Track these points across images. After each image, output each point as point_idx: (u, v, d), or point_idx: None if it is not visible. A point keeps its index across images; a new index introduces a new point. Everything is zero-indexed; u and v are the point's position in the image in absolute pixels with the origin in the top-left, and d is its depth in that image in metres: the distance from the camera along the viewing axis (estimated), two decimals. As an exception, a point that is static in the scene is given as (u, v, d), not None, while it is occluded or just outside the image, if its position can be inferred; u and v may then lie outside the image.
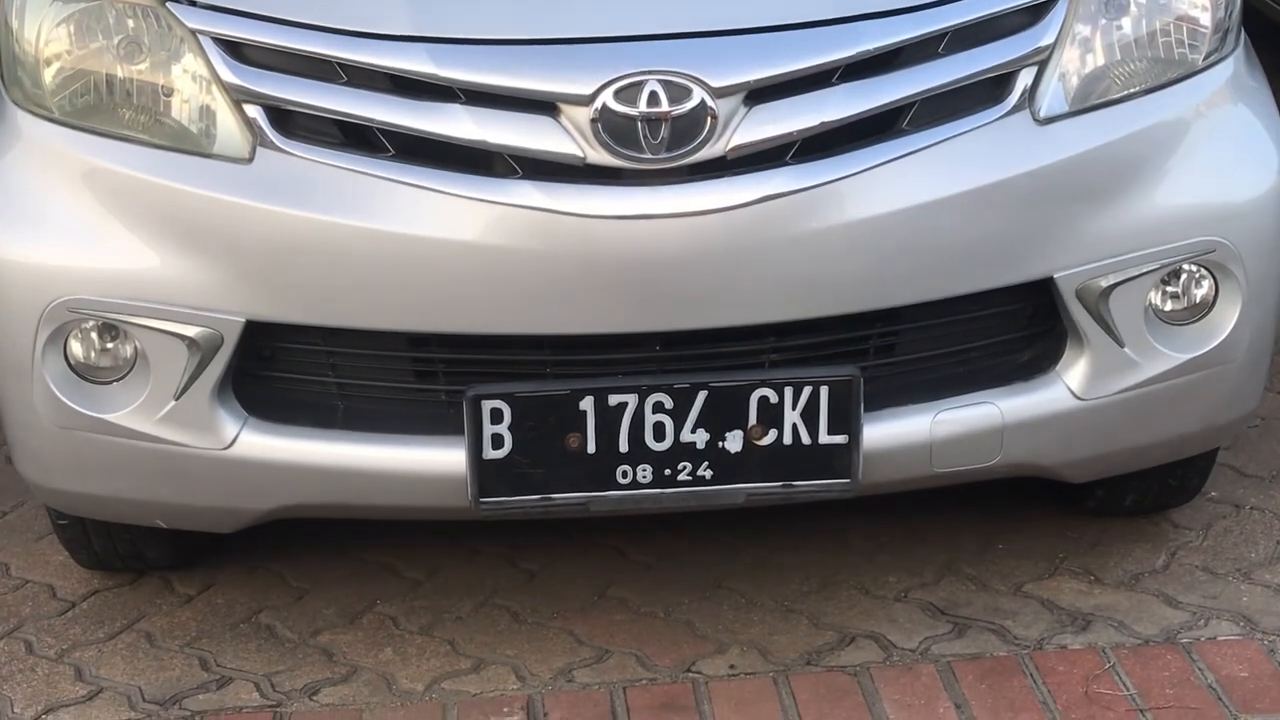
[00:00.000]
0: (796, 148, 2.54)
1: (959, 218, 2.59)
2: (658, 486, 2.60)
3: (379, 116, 2.52)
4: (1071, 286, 2.66)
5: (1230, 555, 3.16)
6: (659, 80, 2.48)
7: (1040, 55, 2.63)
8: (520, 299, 2.53)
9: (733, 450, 2.60)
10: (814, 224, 2.54)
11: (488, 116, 2.50)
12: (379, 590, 3.12)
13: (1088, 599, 3.04)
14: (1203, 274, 2.75)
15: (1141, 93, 2.70)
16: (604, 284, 2.52)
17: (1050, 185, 2.62)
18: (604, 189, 2.50)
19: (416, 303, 2.55)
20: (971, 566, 3.15)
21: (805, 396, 2.58)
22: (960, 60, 2.59)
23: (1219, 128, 2.76)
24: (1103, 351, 2.70)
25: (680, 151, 2.50)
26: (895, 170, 2.56)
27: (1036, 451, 2.75)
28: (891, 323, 2.67)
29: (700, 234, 2.51)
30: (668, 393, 2.57)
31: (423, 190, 2.51)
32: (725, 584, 3.12)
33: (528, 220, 2.50)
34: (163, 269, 2.58)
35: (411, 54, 2.50)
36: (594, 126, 2.48)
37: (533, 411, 2.56)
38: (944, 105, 2.60)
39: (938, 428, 2.68)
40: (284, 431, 2.64)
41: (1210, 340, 2.76)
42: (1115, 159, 2.66)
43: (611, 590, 3.11)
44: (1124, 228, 2.66)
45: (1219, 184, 2.74)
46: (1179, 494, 3.18)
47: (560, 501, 2.60)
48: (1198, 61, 2.74)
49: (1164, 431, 2.82)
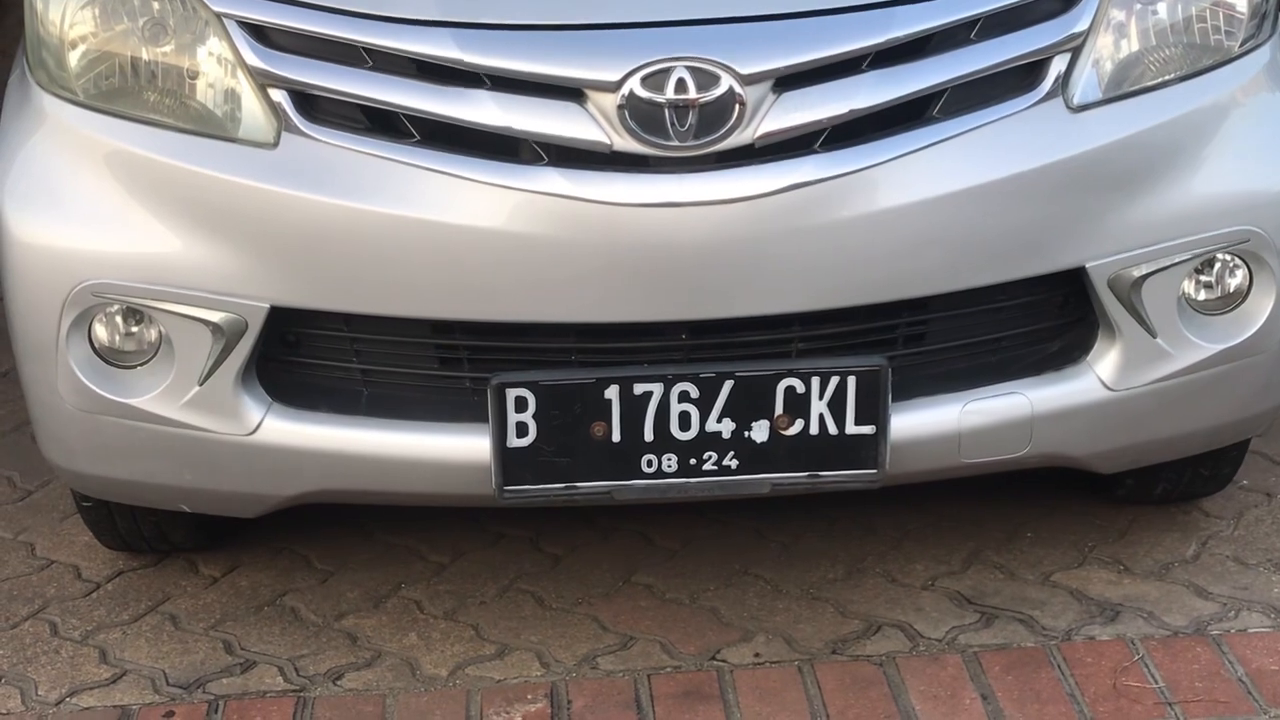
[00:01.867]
0: (825, 135, 2.51)
1: (989, 207, 2.55)
2: (683, 476, 2.59)
3: (404, 102, 2.50)
4: (1104, 276, 2.62)
5: (1262, 545, 3.13)
6: (687, 67, 2.46)
7: (1074, 42, 2.59)
8: (545, 286, 2.51)
9: (758, 440, 2.58)
10: (842, 213, 2.51)
11: (514, 103, 2.48)
12: (403, 574, 3.12)
13: (1117, 589, 3.02)
14: (1237, 263, 2.71)
15: (1176, 80, 2.66)
16: (629, 272, 2.50)
17: (1083, 174, 2.58)
18: (630, 176, 2.48)
19: (441, 289, 2.53)
20: (999, 555, 3.13)
21: (832, 387, 2.56)
22: (992, 47, 2.55)
23: (1255, 115, 2.72)
24: (1135, 342, 2.67)
25: (708, 139, 2.47)
26: (925, 158, 2.53)
27: (1066, 442, 2.72)
28: (920, 312, 2.64)
29: (727, 222, 2.48)
30: (693, 382, 2.55)
31: (448, 176, 2.49)
32: (751, 570, 3.11)
33: (553, 207, 2.48)
34: (187, 254, 2.57)
35: (437, 39, 2.48)
36: (621, 113, 2.46)
37: (557, 400, 2.54)
38: (976, 92, 2.56)
39: (966, 418, 2.65)
40: (308, 417, 2.63)
41: (1244, 331, 2.72)
42: (1149, 147, 2.62)
43: (636, 576, 3.10)
44: (1157, 217, 2.63)
45: (1253, 173, 2.69)
46: (1211, 483, 3.14)
47: (585, 490, 2.58)
48: (1234, 48, 2.70)
49: (1195, 423, 2.79)
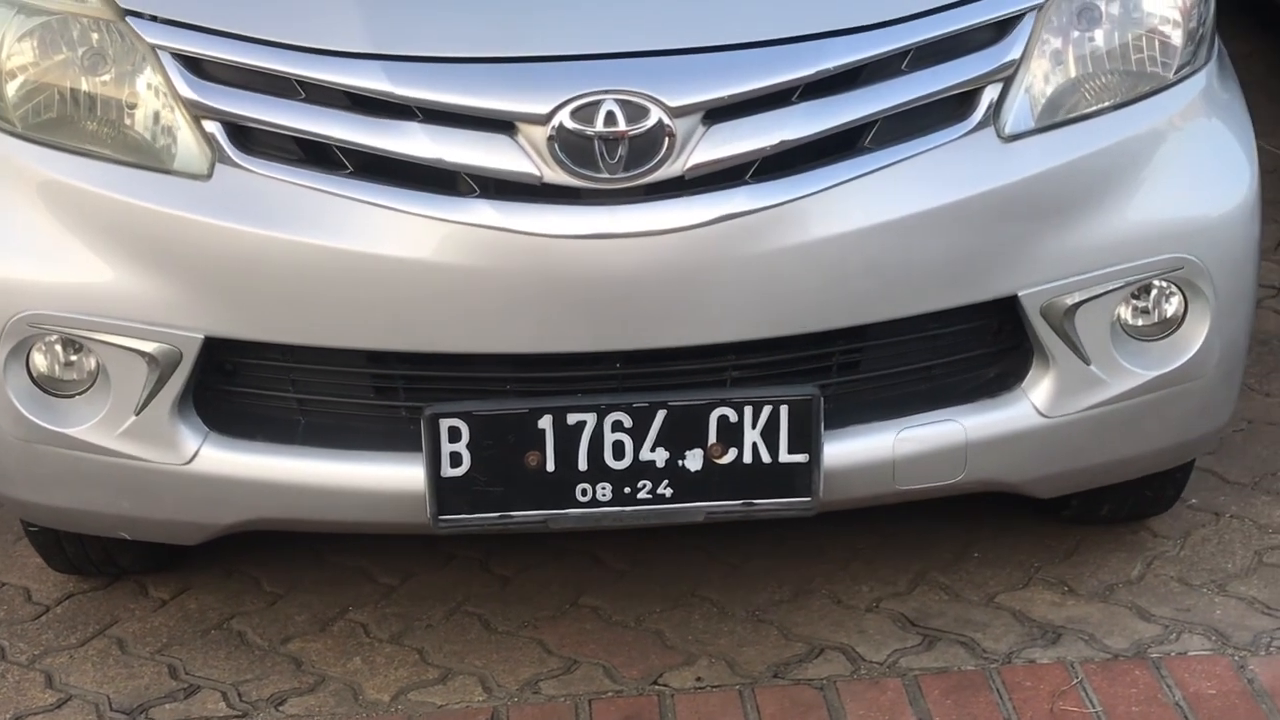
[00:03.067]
0: (756, 166, 2.52)
1: (921, 236, 2.57)
2: (617, 505, 2.60)
3: (336, 134, 2.51)
4: (1036, 304, 2.63)
5: (1206, 566, 3.14)
6: (616, 100, 2.47)
7: (1005, 72, 2.60)
8: (478, 318, 2.53)
9: (693, 469, 2.59)
10: (774, 243, 2.52)
11: (445, 135, 2.49)
12: (352, 596, 3.13)
13: (1060, 611, 3.03)
14: (1172, 290, 2.72)
15: (1110, 108, 2.67)
16: (562, 303, 2.51)
17: (1013, 203, 2.60)
18: (561, 208, 2.49)
19: (374, 321, 2.54)
20: (945, 575, 3.14)
21: (765, 416, 2.57)
22: (923, 78, 2.57)
23: (1189, 143, 2.73)
24: (1068, 369, 2.68)
25: (638, 171, 2.49)
26: (856, 189, 2.54)
27: (1001, 469, 2.73)
28: (855, 340, 2.65)
29: (658, 253, 2.50)
30: (627, 411, 2.56)
31: (380, 208, 2.51)
32: (698, 592, 3.12)
33: (485, 239, 2.49)
34: (122, 285, 2.58)
35: (369, 72, 2.50)
36: (551, 146, 2.47)
37: (491, 430, 2.55)
38: (907, 123, 2.57)
39: (901, 445, 2.66)
40: (244, 447, 2.64)
41: (1179, 357, 2.73)
42: (1080, 176, 2.63)
43: (584, 598, 3.11)
44: (1089, 245, 2.64)
45: (1187, 200, 2.70)
46: (1155, 504, 3.15)
47: (519, 519, 2.60)
48: (1168, 75, 2.71)
49: (1132, 448, 2.80)
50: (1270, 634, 2.94)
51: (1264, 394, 3.65)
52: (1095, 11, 2.69)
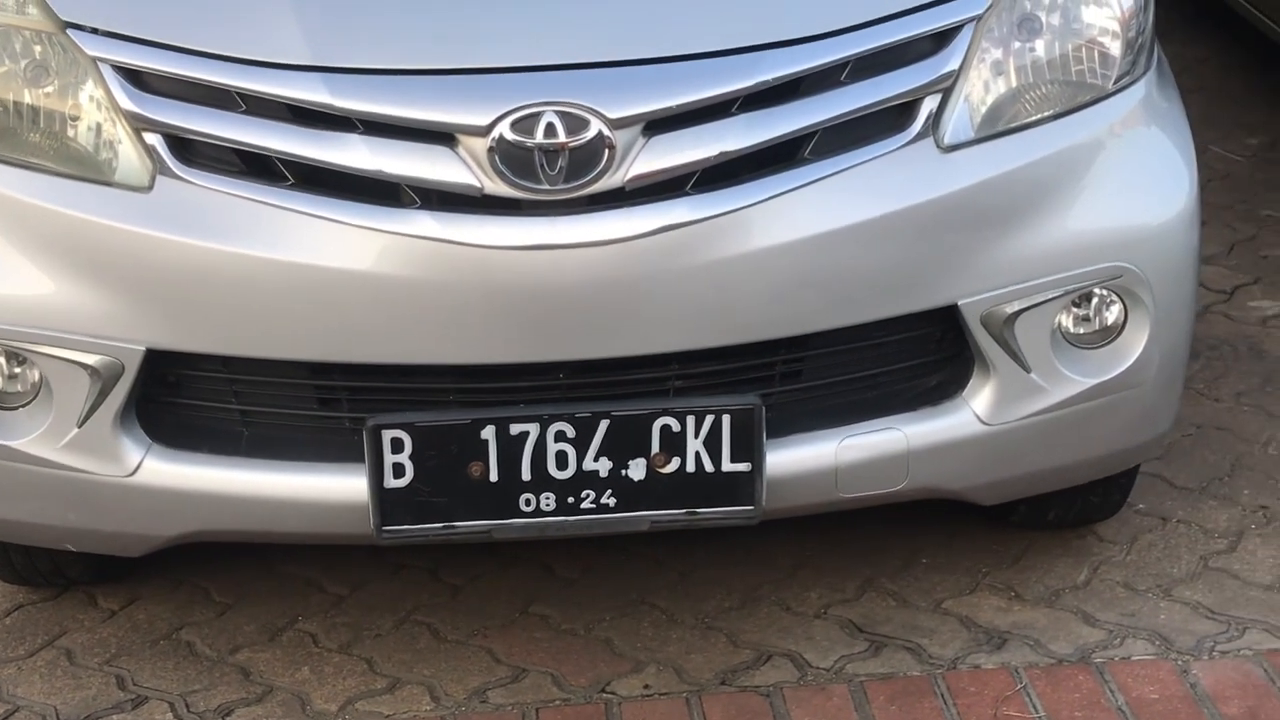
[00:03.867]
0: (697, 178, 2.53)
1: (860, 246, 2.58)
2: (561, 514, 2.61)
3: (277, 146, 2.52)
4: (976, 313, 2.65)
5: (1152, 571, 3.16)
6: (556, 111, 2.48)
7: (944, 83, 2.62)
8: (420, 329, 2.53)
9: (636, 478, 2.60)
10: (715, 254, 2.53)
11: (385, 146, 2.49)
12: (301, 606, 3.13)
13: (1006, 616, 3.05)
14: (1112, 298, 2.74)
15: (1049, 118, 2.68)
16: (504, 314, 2.52)
17: (952, 213, 2.61)
18: (502, 219, 2.50)
19: (317, 332, 2.55)
20: (893, 582, 3.16)
21: (707, 425, 2.58)
22: (862, 89, 2.58)
23: (1129, 152, 2.75)
24: (1008, 377, 2.70)
25: (578, 182, 2.49)
26: (797, 200, 2.55)
27: (943, 476, 2.75)
28: (797, 349, 2.66)
29: (599, 264, 2.51)
30: (569, 422, 2.57)
31: (322, 220, 2.51)
32: (647, 600, 3.13)
33: (426, 251, 2.50)
34: (64, 297, 2.58)
35: (308, 84, 2.50)
36: (491, 157, 2.48)
37: (434, 441, 2.56)
38: (847, 134, 2.59)
39: (843, 453, 2.68)
40: (187, 458, 2.64)
41: (1119, 365, 2.75)
42: (1019, 186, 2.65)
43: (534, 606, 3.12)
44: (1029, 254, 2.65)
45: (1127, 209, 2.72)
46: (1101, 509, 3.17)
47: (463, 529, 2.60)
48: (1108, 85, 2.73)
49: (1073, 455, 2.82)
50: (1213, 638, 2.96)
51: (1213, 399, 3.68)
52: (1035, 22, 2.71)
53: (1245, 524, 3.28)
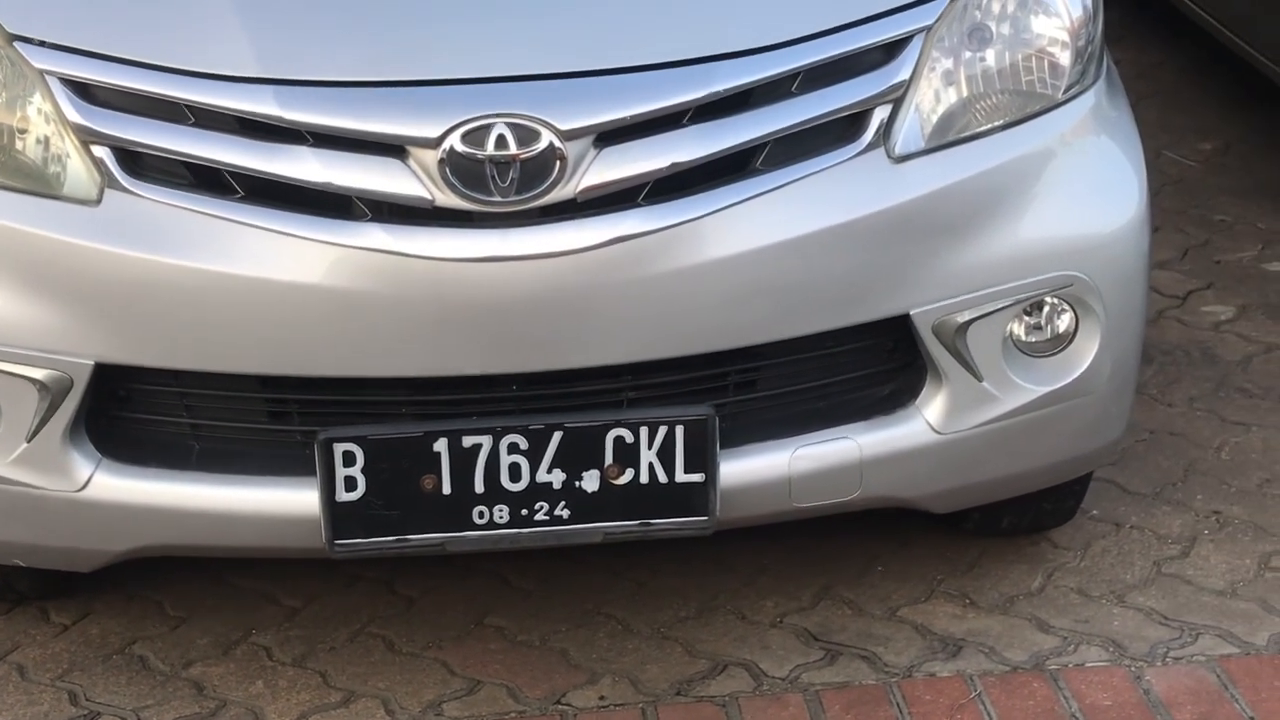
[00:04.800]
0: (648, 189, 2.53)
1: (812, 257, 2.58)
2: (515, 526, 2.60)
3: (226, 159, 2.51)
4: (928, 322, 2.66)
5: (1106, 577, 3.18)
6: (507, 123, 2.47)
7: (895, 93, 2.62)
8: (372, 342, 2.52)
9: (589, 490, 2.60)
10: (667, 265, 2.53)
11: (335, 159, 2.49)
12: (255, 619, 3.11)
13: (961, 623, 3.06)
14: (1064, 307, 2.75)
15: (1000, 128, 2.69)
16: (455, 326, 2.51)
17: (904, 223, 2.62)
18: (453, 231, 2.49)
19: (267, 346, 2.53)
20: (850, 590, 3.16)
21: (661, 436, 2.58)
22: (813, 99, 2.58)
23: (1079, 161, 2.76)
24: (961, 386, 2.70)
25: (530, 194, 2.49)
26: (748, 210, 2.55)
27: (896, 485, 2.75)
28: (750, 360, 2.67)
29: (552, 276, 2.50)
30: (523, 434, 2.57)
31: (271, 233, 2.50)
32: (603, 610, 3.12)
33: (377, 263, 2.49)
34: (12, 311, 2.55)
35: (257, 96, 2.49)
36: (442, 169, 2.47)
37: (385, 454, 2.55)
38: (798, 144, 2.59)
39: (796, 463, 2.68)
40: (137, 473, 2.63)
41: (1070, 373, 2.76)
42: (971, 196, 2.66)
43: (489, 618, 3.11)
44: (980, 264, 2.66)
45: (1077, 217, 2.73)
46: (1055, 516, 3.19)
47: (416, 542, 2.60)
48: (1058, 95, 2.74)
49: (1026, 463, 2.83)
50: (1167, 644, 2.98)
51: (1166, 404, 3.70)
52: (985, 32, 2.72)
53: (1198, 529, 3.30)
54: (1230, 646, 2.96)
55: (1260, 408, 3.68)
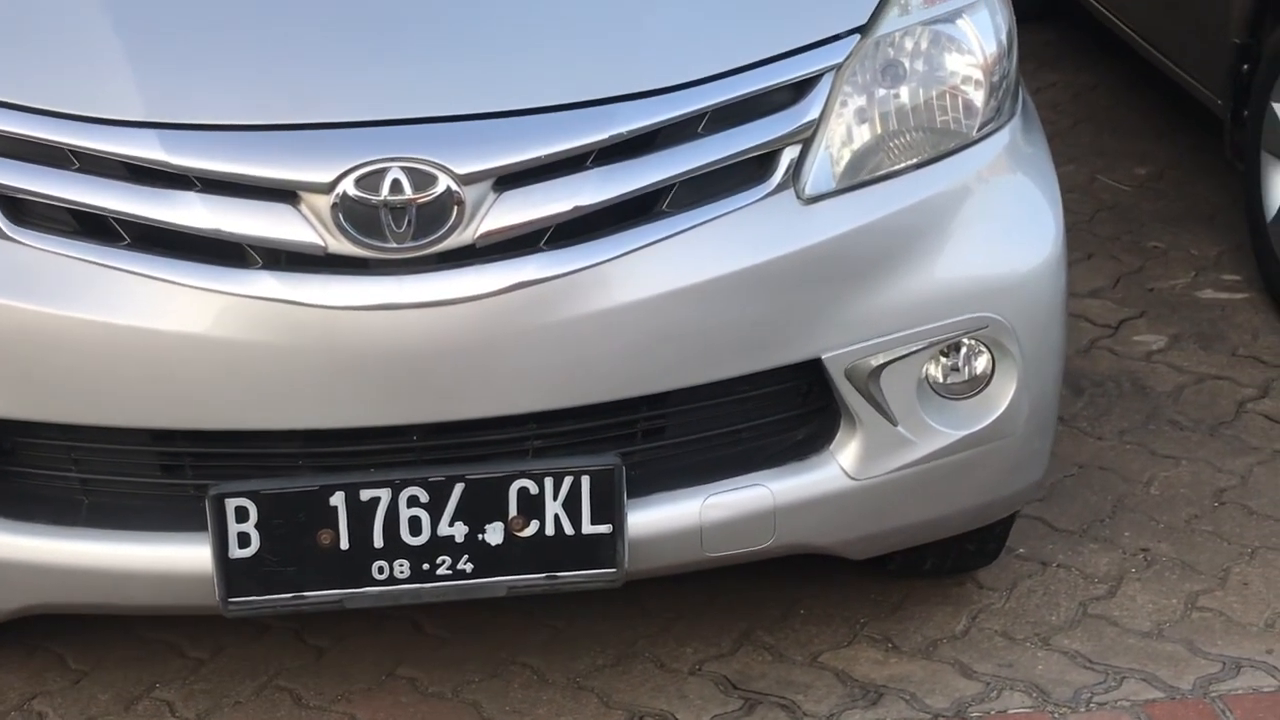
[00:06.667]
0: (550, 233, 2.46)
1: (720, 301, 2.52)
2: (416, 581, 2.53)
3: (112, 205, 2.43)
4: (840, 367, 2.60)
5: (1031, 619, 3.12)
6: (402, 167, 2.40)
7: (804, 133, 2.56)
8: (264, 393, 2.45)
9: (493, 542, 2.53)
10: (570, 311, 2.47)
11: (224, 205, 2.41)
12: (160, 672, 3.02)
13: (882, 669, 2.99)
14: (980, 348, 2.70)
15: (913, 167, 2.64)
16: (351, 377, 2.44)
17: (814, 266, 2.56)
18: (347, 279, 2.42)
19: (157, 399, 2.46)
20: (771, 635, 3.09)
21: (566, 487, 2.52)
22: (720, 140, 2.52)
23: (993, 200, 2.70)
24: (875, 430, 2.65)
25: (427, 240, 2.42)
26: (655, 254, 2.49)
27: (811, 532, 2.69)
28: (659, 407, 2.60)
29: (450, 324, 2.43)
30: (423, 486, 2.49)
31: (160, 282, 2.42)
32: (519, 659, 3.04)
33: (269, 312, 2.41)
34: (-108, 364, 2.48)
35: (143, 140, 2.41)
36: (335, 215, 2.40)
37: (280, 509, 2.47)
38: (706, 185, 2.53)
39: (708, 512, 2.61)
40: (24, 529, 2.54)
41: (987, 416, 2.71)
42: (882, 237, 2.60)
43: (401, 668, 3.02)
44: (893, 306, 2.61)
45: (992, 258, 2.68)
46: (978, 557, 3.13)
47: (313, 599, 2.52)
48: (972, 133, 2.68)
49: (944, 508, 2.77)
50: (1090, 689, 2.92)
51: (1096, 437, 3.65)
52: (899, 69, 2.66)
53: (1126, 568, 3.25)
54: (1155, 691, 2.91)
55: (1190, 440, 3.64)
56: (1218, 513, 3.40)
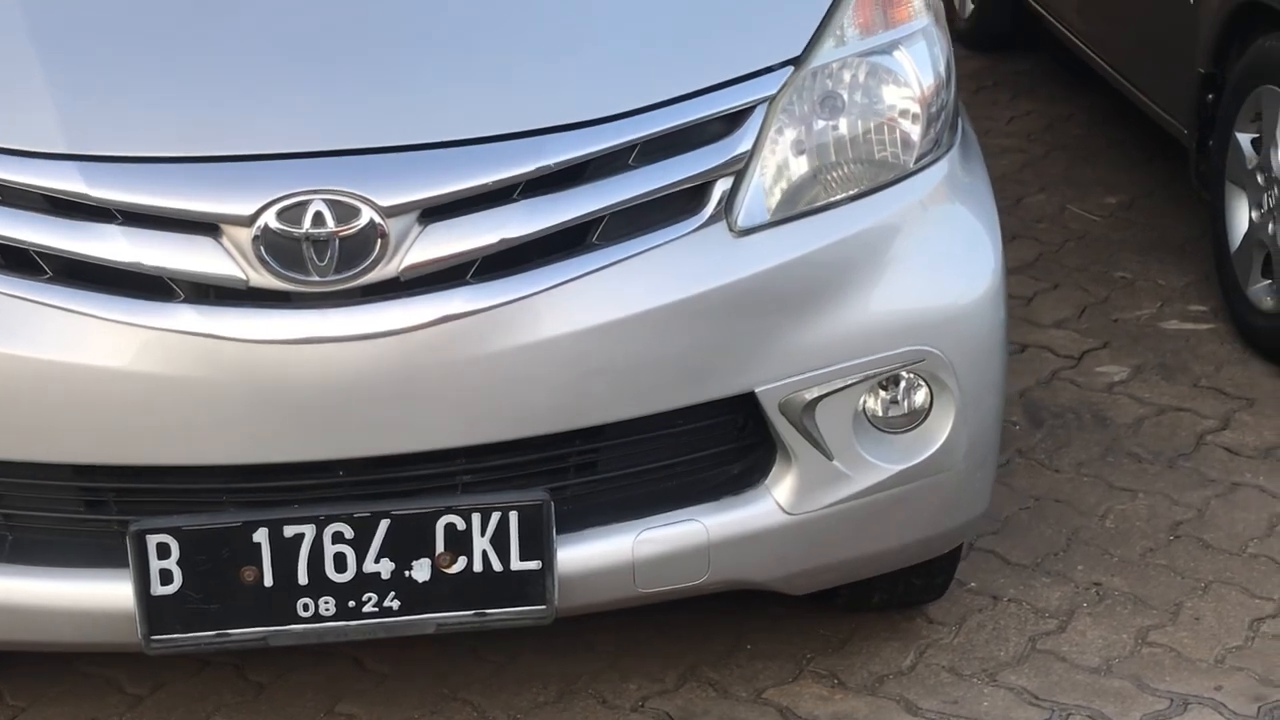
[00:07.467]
0: (477, 266, 2.43)
1: (651, 334, 2.49)
2: (342, 619, 2.49)
3: (33, 238, 2.40)
4: (774, 400, 2.56)
5: (979, 654, 3.08)
6: (324, 199, 2.38)
7: (736, 165, 2.53)
8: (187, 428, 2.42)
9: (420, 579, 2.50)
10: (498, 344, 2.43)
11: (145, 238, 2.38)
12: (98, 708, 2.98)
13: (827, 706, 2.95)
14: (919, 381, 2.67)
15: (846, 200, 2.60)
16: (274, 411, 2.41)
17: (746, 299, 2.53)
18: (269, 312, 2.39)
19: (78, 433, 2.42)
20: (715, 670, 3.05)
21: (494, 522, 2.48)
22: (651, 172, 2.49)
23: (931, 232, 2.67)
24: (811, 465, 2.61)
25: (350, 273, 2.39)
26: (584, 286, 2.46)
27: (746, 568, 2.65)
28: (590, 441, 2.57)
29: (374, 357, 2.40)
30: (347, 522, 2.46)
31: (81, 315, 2.39)
32: (460, 695, 3.01)
33: (190, 346, 2.38)
34: None
35: (64, 173, 2.38)
36: (256, 247, 2.37)
37: (202, 545, 2.44)
38: (637, 218, 2.50)
39: (640, 547, 2.58)
40: (-55, 567, 2.51)
41: (924, 450, 2.67)
42: (816, 269, 2.57)
43: (340, 705, 2.99)
44: (828, 339, 2.57)
45: (929, 291, 2.64)
46: (926, 591, 3.09)
47: (238, 637, 2.48)
48: (909, 164, 2.65)
49: (882, 542, 2.73)
50: (1036, 727, 2.90)
51: (1054, 470, 3.62)
52: (838, 101, 2.63)
53: (1077, 602, 3.21)
54: (1100, 729, 2.89)
55: (1148, 473, 3.60)
56: (1172, 546, 3.37)
